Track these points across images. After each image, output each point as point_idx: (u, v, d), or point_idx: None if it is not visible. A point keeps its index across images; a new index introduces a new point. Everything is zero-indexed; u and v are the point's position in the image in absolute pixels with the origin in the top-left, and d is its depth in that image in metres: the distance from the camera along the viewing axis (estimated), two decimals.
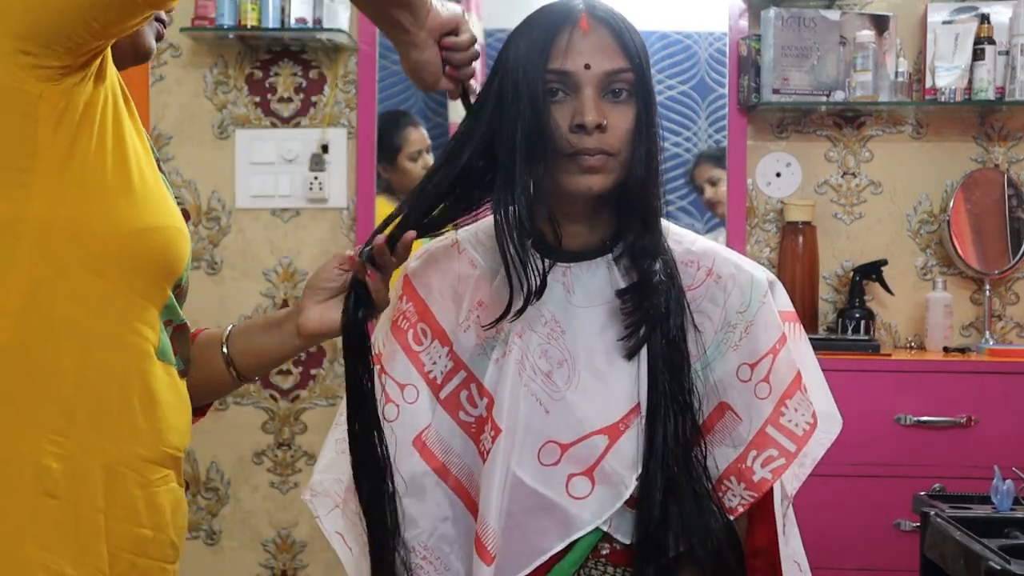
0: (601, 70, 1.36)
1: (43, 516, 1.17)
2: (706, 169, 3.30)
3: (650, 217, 1.42)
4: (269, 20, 3.14)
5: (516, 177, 1.35)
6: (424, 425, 1.45)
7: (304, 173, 3.28)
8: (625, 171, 1.39)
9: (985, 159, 3.22)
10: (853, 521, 2.79)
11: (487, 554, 1.36)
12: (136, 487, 1.23)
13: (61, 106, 1.16)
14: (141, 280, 1.24)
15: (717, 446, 1.42)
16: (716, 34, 3.26)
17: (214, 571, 3.32)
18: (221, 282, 3.31)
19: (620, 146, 1.37)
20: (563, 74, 1.36)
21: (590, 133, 1.35)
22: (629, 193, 1.40)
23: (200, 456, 3.31)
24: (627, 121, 1.37)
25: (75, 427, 1.19)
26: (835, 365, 2.76)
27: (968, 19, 3.10)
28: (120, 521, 1.22)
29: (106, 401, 1.21)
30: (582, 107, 1.35)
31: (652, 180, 1.40)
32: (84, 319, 1.20)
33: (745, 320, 1.43)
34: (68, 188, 1.17)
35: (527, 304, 1.38)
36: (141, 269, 1.24)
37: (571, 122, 1.36)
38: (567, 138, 1.36)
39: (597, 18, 1.38)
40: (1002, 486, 1.78)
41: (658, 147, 1.41)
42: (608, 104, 1.37)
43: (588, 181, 1.37)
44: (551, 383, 1.40)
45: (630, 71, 1.37)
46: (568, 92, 1.37)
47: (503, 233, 1.37)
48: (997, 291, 3.22)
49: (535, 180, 1.36)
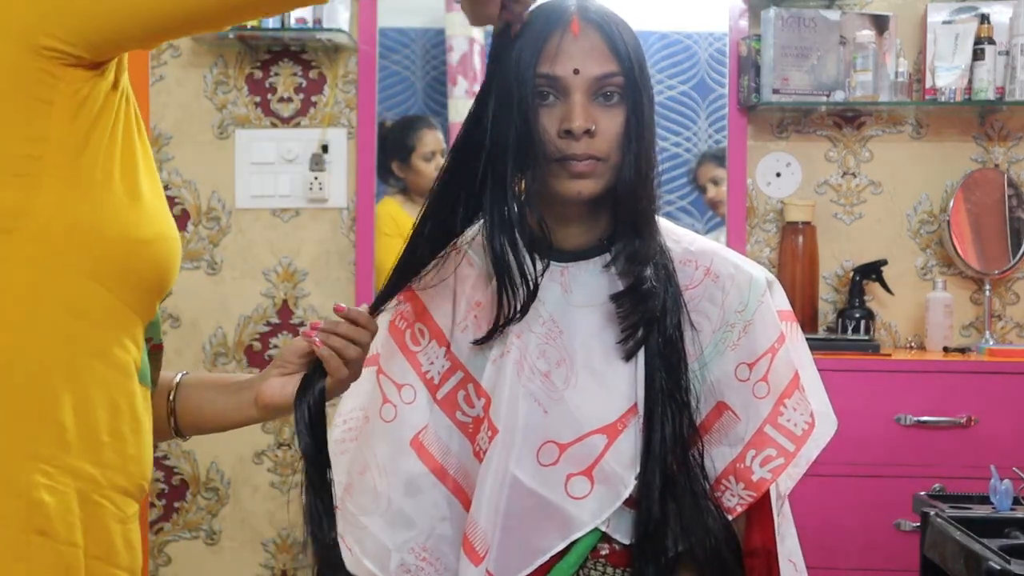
0: (590, 75, 1.36)
1: (35, 558, 1.07)
2: (709, 169, 3.30)
3: (641, 221, 1.42)
4: (269, 20, 3.14)
5: (507, 180, 1.35)
6: (421, 425, 1.45)
7: (304, 173, 3.28)
8: (616, 174, 1.39)
9: (985, 159, 3.22)
10: (853, 521, 2.78)
11: (475, 554, 1.37)
12: (113, 520, 1.14)
13: (83, 94, 1.09)
14: (137, 292, 1.16)
15: (715, 446, 1.42)
16: (716, 34, 3.25)
17: (214, 571, 3.32)
18: (221, 282, 3.31)
19: (610, 150, 1.37)
20: (552, 79, 1.36)
21: (578, 138, 1.35)
22: (619, 197, 1.40)
23: (200, 456, 3.31)
24: (617, 125, 1.37)
25: (68, 454, 1.09)
26: (835, 365, 2.77)
27: (968, 19, 3.10)
28: (98, 560, 1.12)
29: (97, 425, 1.12)
30: (570, 112, 1.35)
31: (642, 184, 1.40)
32: (80, 330, 1.12)
33: (743, 319, 1.43)
34: (77, 185, 1.10)
35: (526, 311, 1.38)
36: (139, 281, 1.16)
37: (559, 127, 1.35)
38: (555, 143, 1.36)
39: (588, 20, 1.37)
40: (1000, 486, 1.78)
41: (652, 150, 1.41)
42: (599, 108, 1.37)
43: (577, 186, 1.37)
44: (549, 383, 1.40)
45: (620, 75, 1.37)
46: (558, 96, 1.37)
47: (494, 237, 1.37)
48: (997, 291, 3.22)
49: (526, 184, 1.36)
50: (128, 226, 1.14)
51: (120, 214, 1.14)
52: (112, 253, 1.13)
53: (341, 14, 3.17)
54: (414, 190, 3.31)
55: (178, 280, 1.35)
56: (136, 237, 1.15)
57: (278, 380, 1.36)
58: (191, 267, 3.29)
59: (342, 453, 1.48)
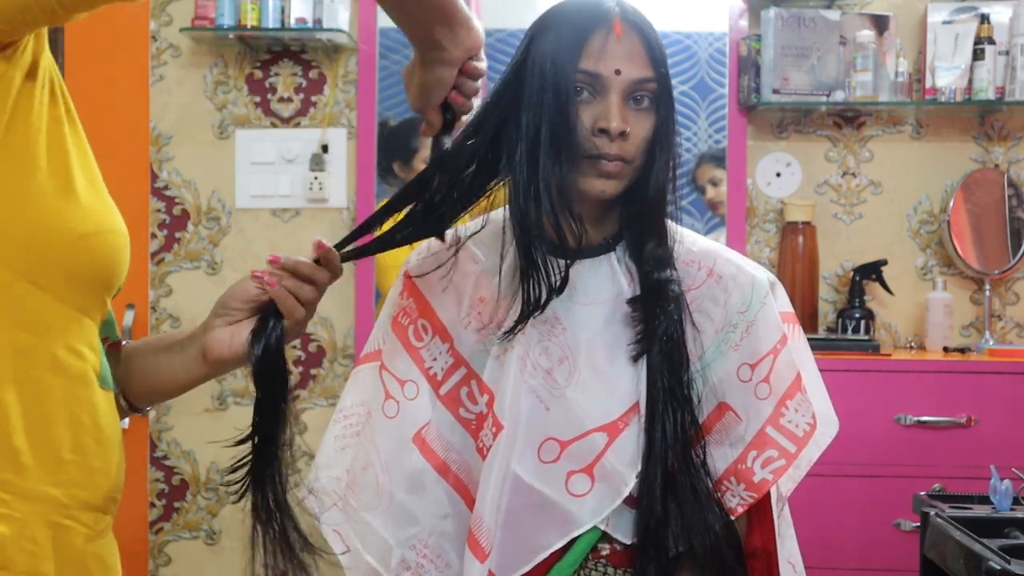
0: (630, 77, 1.36)
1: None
2: (708, 169, 3.30)
3: (662, 226, 1.43)
4: (269, 20, 3.14)
5: (539, 174, 1.35)
6: (424, 422, 1.45)
7: (304, 173, 3.28)
8: (637, 177, 1.39)
9: (985, 159, 3.22)
10: (853, 521, 2.79)
11: (480, 550, 1.37)
12: (84, 541, 1.08)
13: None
14: (81, 291, 1.08)
15: (716, 446, 1.42)
16: (716, 34, 3.26)
17: (214, 571, 3.32)
18: (221, 282, 3.30)
19: (637, 153, 1.38)
20: (594, 76, 1.36)
21: (612, 139, 1.35)
22: (646, 203, 1.41)
23: (200, 456, 3.31)
24: (646, 129, 1.38)
25: (25, 477, 1.02)
26: (835, 365, 2.77)
27: (968, 19, 3.10)
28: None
29: (56, 442, 1.05)
30: (608, 112, 1.35)
31: (668, 190, 1.42)
32: (24, 341, 1.03)
33: (746, 320, 1.43)
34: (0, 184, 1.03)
35: (548, 301, 1.38)
36: (81, 278, 1.08)
37: (594, 124, 1.36)
38: (590, 140, 1.36)
39: (630, 23, 1.38)
40: (1000, 486, 1.78)
41: (676, 157, 1.43)
42: (630, 110, 1.37)
43: (602, 185, 1.38)
44: (551, 380, 1.40)
45: (654, 81, 1.38)
46: (594, 94, 1.37)
47: (525, 232, 1.36)
48: (997, 291, 3.22)
49: (556, 178, 1.36)
50: (62, 221, 1.07)
51: (51, 210, 1.06)
52: (46, 251, 1.05)
53: (341, 14, 3.17)
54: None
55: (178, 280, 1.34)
56: (73, 232, 1.07)
57: (225, 331, 1.26)
58: (191, 267, 3.29)
59: (343, 449, 1.48)
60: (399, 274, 1.52)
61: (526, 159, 1.36)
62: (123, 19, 3.29)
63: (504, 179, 1.39)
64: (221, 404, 3.30)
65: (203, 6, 3.15)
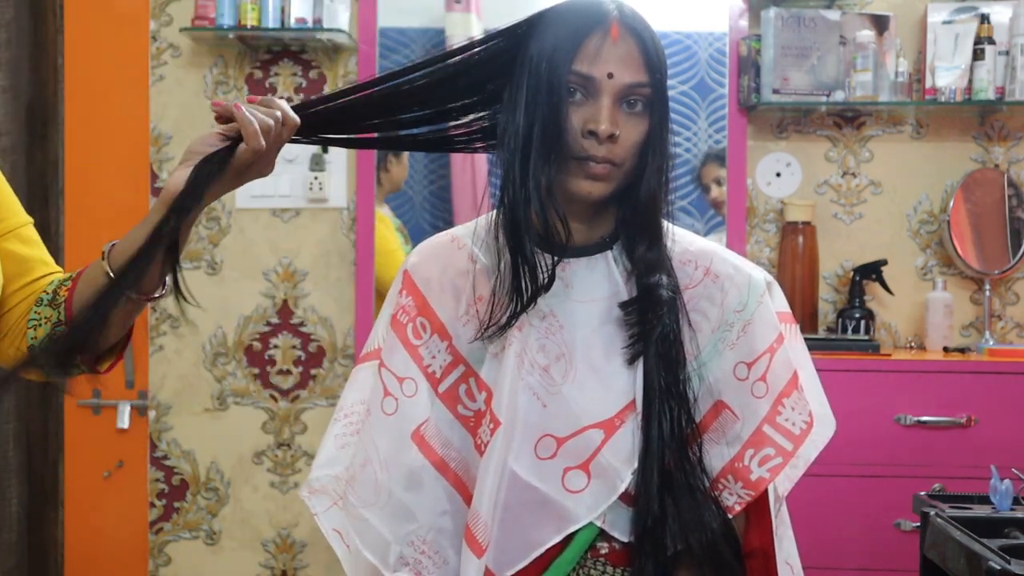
0: (623, 82, 1.36)
1: None
2: (712, 169, 3.30)
3: (656, 230, 1.43)
4: (269, 20, 3.14)
5: (530, 171, 1.36)
6: (422, 419, 1.45)
7: (304, 173, 3.28)
8: (629, 180, 1.40)
9: (985, 159, 3.22)
10: (853, 521, 2.79)
11: (478, 546, 1.37)
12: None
13: None
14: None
15: (713, 445, 1.42)
16: (716, 34, 3.25)
17: (214, 571, 3.32)
18: (221, 282, 3.31)
19: (627, 157, 1.38)
20: (586, 78, 1.36)
21: (601, 141, 1.36)
22: (638, 207, 1.41)
23: (200, 456, 3.32)
24: (637, 133, 1.38)
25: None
26: (835, 365, 2.78)
27: (968, 19, 3.10)
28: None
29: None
30: (597, 115, 1.36)
31: (661, 194, 1.42)
32: None
33: (743, 319, 1.43)
34: None
35: (534, 299, 1.39)
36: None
37: (584, 126, 1.36)
38: (579, 141, 1.36)
39: (627, 27, 1.38)
40: (1000, 486, 1.78)
41: (670, 160, 1.42)
42: (622, 114, 1.37)
43: (589, 187, 1.38)
44: (548, 377, 1.41)
45: (649, 86, 1.38)
46: (586, 96, 1.37)
47: (515, 228, 1.37)
48: (997, 291, 3.22)
49: (545, 178, 1.36)
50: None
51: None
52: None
53: (341, 14, 3.17)
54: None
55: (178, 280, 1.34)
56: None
57: (183, 170, 1.29)
58: (191, 267, 3.29)
59: (343, 447, 1.49)
60: (399, 272, 1.53)
61: (518, 156, 1.37)
62: (123, 19, 3.29)
63: (479, 118, 1.44)
64: (221, 404, 3.30)
65: (203, 6, 3.15)
